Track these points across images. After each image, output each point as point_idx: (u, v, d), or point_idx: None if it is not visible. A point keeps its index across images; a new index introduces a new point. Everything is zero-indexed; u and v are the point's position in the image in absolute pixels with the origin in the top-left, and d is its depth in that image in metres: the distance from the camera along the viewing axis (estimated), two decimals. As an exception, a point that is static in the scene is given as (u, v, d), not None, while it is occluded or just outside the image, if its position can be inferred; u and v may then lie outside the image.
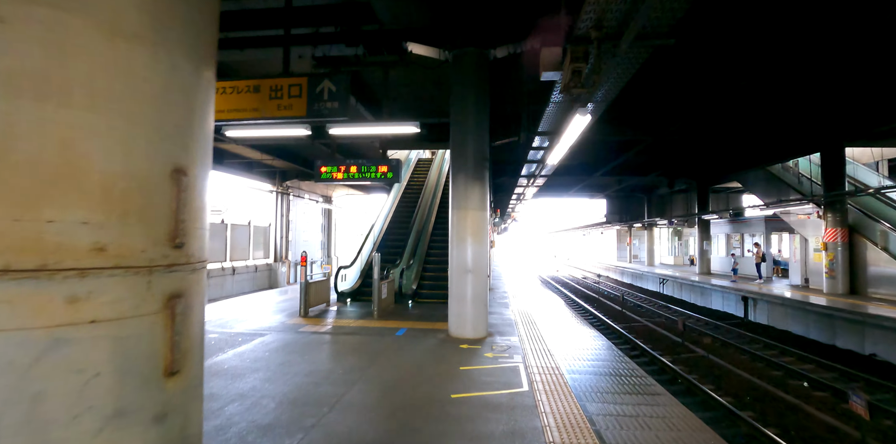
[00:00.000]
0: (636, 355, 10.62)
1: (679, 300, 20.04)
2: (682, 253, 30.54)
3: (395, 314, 8.87)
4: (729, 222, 21.75)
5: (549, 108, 7.32)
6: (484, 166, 6.97)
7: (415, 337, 6.86)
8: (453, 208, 6.88)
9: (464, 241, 6.77)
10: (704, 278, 19.44)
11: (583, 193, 31.06)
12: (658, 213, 28.08)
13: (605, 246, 39.82)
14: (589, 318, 15.37)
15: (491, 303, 10.69)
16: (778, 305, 13.75)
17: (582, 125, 5.50)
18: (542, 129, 7.33)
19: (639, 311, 17.25)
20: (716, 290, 17.30)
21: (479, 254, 6.81)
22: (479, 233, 6.82)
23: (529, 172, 13.34)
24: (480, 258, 6.82)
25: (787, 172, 16.56)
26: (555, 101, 7.13)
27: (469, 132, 6.85)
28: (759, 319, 14.69)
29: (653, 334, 12.88)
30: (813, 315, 12.32)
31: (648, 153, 18.28)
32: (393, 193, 15.39)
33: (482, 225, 6.86)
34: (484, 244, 6.86)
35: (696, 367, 9.66)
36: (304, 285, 8.68)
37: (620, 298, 17.24)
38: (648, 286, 24.61)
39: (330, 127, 5.93)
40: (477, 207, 6.82)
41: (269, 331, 7.35)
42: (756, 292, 14.72)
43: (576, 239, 52.31)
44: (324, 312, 9.22)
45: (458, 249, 6.82)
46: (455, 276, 6.84)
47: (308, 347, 6.24)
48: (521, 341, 6.72)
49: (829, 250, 13.42)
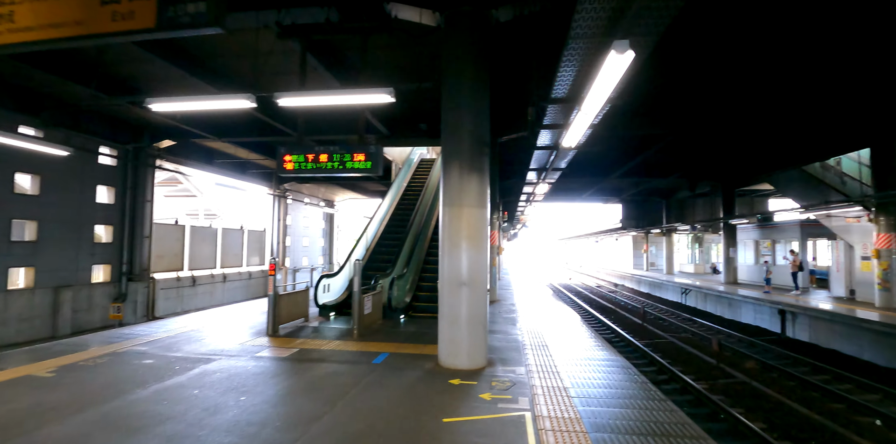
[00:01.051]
0: (664, 381, 9.11)
1: (703, 312, 18.39)
2: (704, 261, 28.78)
3: (380, 333, 7.49)
4: (757, 228, 20.07)
5: (569, 55, 5.56)
6: (483, 154, 5.60)
7: (395, 367, 5.47)
8: (444, 205, 5.51)
9: (457, 246, 5.39)
10: (731, 289, 17.79)
11: (596, 198, 29.51)
12: (677, 218, 26.41)
13: (620, 253, 38.10)
14: (606, 333, 13.84)
15: (495, 319, 9.27)
16: (823, 320, 12.12)
17: (619, 70, 3.94)
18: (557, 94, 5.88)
19: (661, 325, 15.67)
20: (747, 302, 15.67)
21: (477, 262, 5.42)
22: (477, 236, 5.44)
23: (540, 165, 11.81)
24: (478, 268, 5.43)
25: (827, 172, 14.93)
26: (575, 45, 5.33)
27: (465, 110, 5.49)
28: (800, 335, 13.05)
29: (681, 354, 11.32)
30: (868, 334, 10.69)
31: (669, 152, 16.81)
32: (391, 194, 14.07)
33: (480, 226, 5.48)
34: (482, 250, 5.47)
35: (738, 397, 8.12)
36: (273, 298, 7.34)
37: (641, 310, 15.69)
38: (668, 296, 22.94)
39: (278, 97, 4.62)
40: (474, 203, 5.44)
41: (220, 355, 6.01)
42: (795, 305, 13.09)
43: (588, 246, 50.57)
44: (298, 329, 7.87)
45: (450, 256, 5.44)
46: (446, 290, 5.46)
47: (256, 381, 4.89)
48: (530, 373, 5.30)
49: (883, 259, 11.79)
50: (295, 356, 6.00)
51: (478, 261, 5.43)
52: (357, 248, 11.11)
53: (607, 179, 20.35)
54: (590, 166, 19.45)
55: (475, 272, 5.40)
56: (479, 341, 5.45)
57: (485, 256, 5.51)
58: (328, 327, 8.11)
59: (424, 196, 14.33)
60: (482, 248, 5.47)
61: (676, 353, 11.43)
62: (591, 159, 18.67)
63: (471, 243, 5.38)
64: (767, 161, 16.27)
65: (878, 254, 11.93)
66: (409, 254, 10.51)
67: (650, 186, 24.48)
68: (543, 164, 11.33)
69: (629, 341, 12.41)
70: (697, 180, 21.45)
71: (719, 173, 19.50)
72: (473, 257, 5.39)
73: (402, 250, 10.53)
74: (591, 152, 17.63)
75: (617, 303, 21.26)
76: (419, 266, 11.03)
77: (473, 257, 5.39)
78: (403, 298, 9.48)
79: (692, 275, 26.29)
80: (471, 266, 5.37)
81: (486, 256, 5.54)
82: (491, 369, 5.41)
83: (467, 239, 5.38)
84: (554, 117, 7.35)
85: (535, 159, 11.35)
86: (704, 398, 7.78)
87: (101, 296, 13.50)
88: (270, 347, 6.54)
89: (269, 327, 7.36)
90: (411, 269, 10.26)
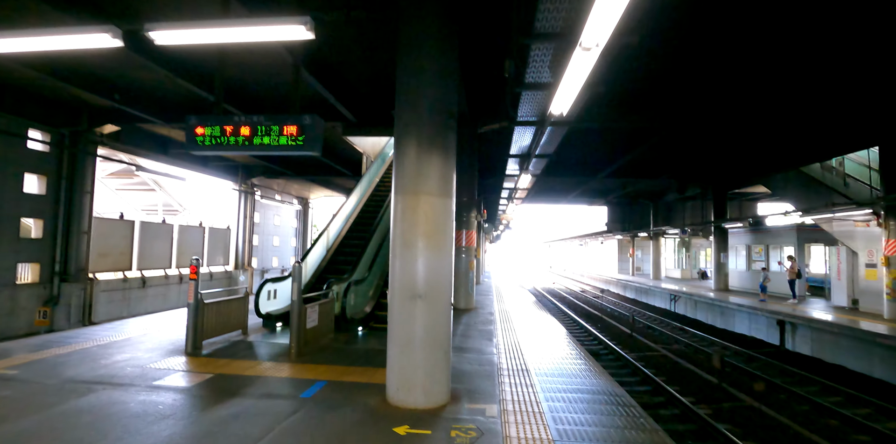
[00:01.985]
0: (662, 404, 7.94)
1: (694, 321, 17.40)
2: (691, 266, 27.97)
3: (326, 352, 6.16)
4: (749, 232, 19.19)
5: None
6: (449, 128, 4.34)
7: (329, 404, 4.16)
8: (396, 193, 4.23)
9: (411, 246, 4.11)
10: (723, 296, 16.83)
11: (581, 200, 28.53)
12: (665, 222, 25.53)
13: (605, 257, 37.22)
14: (593, 345, 12.69)
15: (469, 331, 8.00)
16: (827, 333, 11.12)
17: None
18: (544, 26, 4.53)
19: (651, 335, 14.59)
20: (741, 310, 14.67)
21: (438, 268, 4.15)
22: (438, 234, 4.16)
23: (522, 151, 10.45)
24: (439, 276, 4.16)
25: (828, 174, 14.04)
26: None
27: (427, 65, 4.22)
28: (801, 348, 12.05)
29: (676, 370, 10.20)
30: (880, 349, 9.69)
31: (658, 151, 15.78)
32: (359, 189, 12.73)
33: (443, 221, 4.21)
34: (445, 252, 4.20)
35: (748, 426, 6.98)
36: (194, 309, 5.96)
37: (630, 319, 14.59)
38: (656, 303, 21.96)
39: (150, 29, 3.32)
40: (435, 190, 4.18)
41: (104, 384, 4.63)
42: (796, 316, 12.10)
43: (572, 249, 49.71)
44: (229, 346, 6.50)
45: (401, 259, 4.15)
46: (396, 305, 4.17)
47: (124, 430, 3.54)
48: (505, 413, 4.05)
49: (893, 266, 10.85)
50: (204, 386, 4.65)
51: (438, 266, 4.15)
52: (315, 248, 9.76)
53: (594, 179, 19.31)
54: (576, 165, 18.38)
55: (435, 281, 4.12)
56: (438, 370, 4.17)
57: (448, 259, 4.23)
58: (267, 342, 6.75)
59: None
60: (444, 249, 4.19)
61: (671, 369, 10.31)
62: (578, 158, 17.59)
63: (430, 242, 4.10)
64: (763, 162, 15.34)
65: (887, 261, 10.99)
66: (373, 256, 9.19)
67: (637, 188, 23.53)
68: (526, 149, 10.02)
69: (618, 354, 11.26)
70: (687, 182, 20.53)
71: (711, 175, 18.57)
72: (433, 260, 4.11)
73: (366, 252, 9.21)
74: (578, 150, 16.57)
75: (603, 310, 20.20)
76: (384, 271, 9.70)
77: (433, 260, 4.11)
78: (363, 307, 8.16)
79: (679, 281, 25.41)
80: (429, 273, 4.10)
81: (450, 259, 4.27)
82: (454, 406, 4.14)
83: (425, 237, 4.10)
84: (538, 73, 5.77)
85: (517, 142, 10.04)
86: (711, 429, 6.62)
87: (29, 299, 11.86)
88: (180, 371, 5.17)
89: (188, 343, 5.97)
90: (375, 273, 8.94)
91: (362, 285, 8.20)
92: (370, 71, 8.58)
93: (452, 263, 4.32)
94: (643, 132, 13.42)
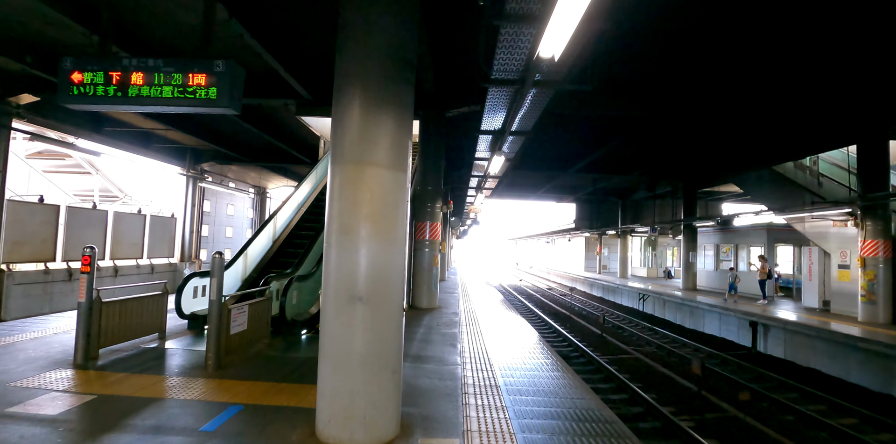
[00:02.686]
0: (641, 415, 7.22)
1: (662, 320, 17.02)
2: (657, 265, 27.91)
3: (253, 363, 5.08)
4: (718, 232, 18.99)
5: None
6: (405, 80, 3.34)
7: (237, 443, 3.13)
8: (334, 162, 3.20)
9: (351, 232, 3.10)
10: (692, 295, 16.51)
11: (550, 196, 28.03)
12: (633, 220, 25.27)
13: (572, 255, 37.02)
14: (564, 347, 11.98)
15: (430, 335, 7.05)
16: (802, 335, 10.75)
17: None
18: None
19: (621, 336, 14.03)
20: (712, 311, 14.30)
21: (386, 263, 3.16)
22: (388, 217, 3.17)
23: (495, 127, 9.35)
24: (387, 272, 3.17)
25: (801, 173, 13.76)
26: None
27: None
28: (774, 351, 11.68)
29: (651, 375, 9.56)
30: (857, 353, 9.32)
31: (631, 147, 15.28)
32: (313, 176, 11.56)
33: (394, 201, 3.21)
34: (396, 242, 3.21)
35: (736, 441, 6.33)
36: (86, 308, 4.77)
37: (600, 319, 13.99)
38: (624, 302, 21.61)
39: None
40: (385, 161, 3.18)
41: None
42: (769, 317, 11.72)
43: (539, 247, 49.53)
44: (135, 354, 5.32)
45: (338, 249, 3.14)
46: (330, 309, 3.16)
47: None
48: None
49: (869, 268, 10.54)
50: (76, 414, 3.52)
51: (387, 260, 3.16)
52: (259, 238, 8.59)
53: (566, 173, 18.71)
54: (548, 159, 17.71)
55: (382, 280, 3.13)
56: (384, 396, 3.18)
57: (400, 251, 3.24)
58: (185, 350, 5.60)
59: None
60: (396, 238, 3.20)
61: (646, 374, 9.66)
62: (551, 152, 16.91)
63: (376, 227, 3.11)
64: (736, 159, 15.01)
65: (863, 263, 10.68)
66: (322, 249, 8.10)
67: (607, 185, 23.14)
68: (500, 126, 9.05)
69: (590, 357, 10.57)
70: (658, 179, 20.21)
71: (682, 172, 18.22)
72: (380, 252, 3.11)
73: (316, 243, 8.10)
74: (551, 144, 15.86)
75: (571, 308, 19.66)
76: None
77: (380, 252, 3.11)
78: (308, 307, 7.07)
79: (645, 279, 25.24)
80: (374, 269, 3.10)
81: (403, 251, 3.28)
82: (404, 443, 3.18)
83: (370, 221, 3.10)
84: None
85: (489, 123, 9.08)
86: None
87: (-79, 293, 10.22)
88: (53, 391, 4.00)
89: (78, 353, 4.78)
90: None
91: (308, 282, 7.11)
92: (327, 38, 7.45)
93: (406, 256, 3.35)
94: (617, 125, 12.82)
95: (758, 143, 13.29)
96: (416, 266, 9.91)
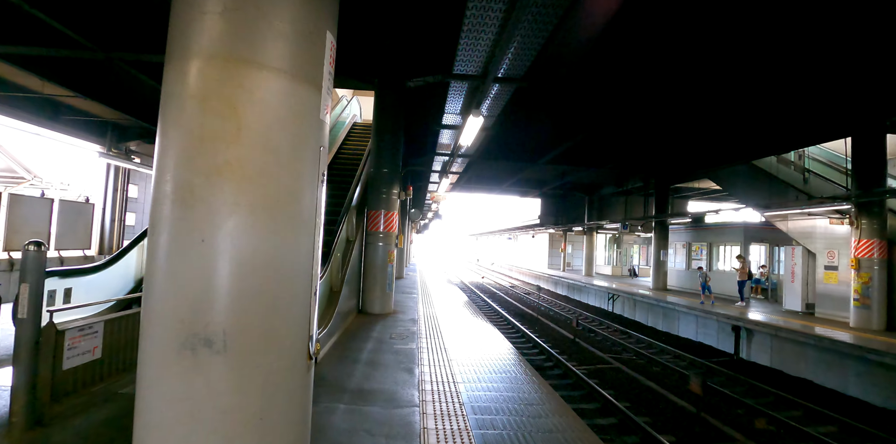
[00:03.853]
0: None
1: (633, 322, 16.09)
2: (622, 263, 27.30)
3: (100, 415, 3.37)
4: (690, 230, 18.27)
5: None
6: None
7: None
8: (172, 60, 1.59)
9: (194, 201, 1.50)
10: (663, 296, 15.65)
11: (515, 190, 26.87)
12: (599, 216, 24.44)
13: (536, 252, 36.18)
14: (535, 354, 10.66)
15: (379, 356, 5.45)
16: (790, 342, 9.87)
17: None
18: None
19: (595, 340, 12.88)
20: (689, 313, 13.39)
21: (275, 264, 1.57)
22: (277, 172, 1.57)
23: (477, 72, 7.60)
24: (279, 284, 1.58)
25: (784, 168, 12.99)
26: None
27: None
28: (758, 358, 10.80)
29: (637, 389, 8.34)
30: (858, 364, 8.43)
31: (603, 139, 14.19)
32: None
33: (295, 139, 1.62)
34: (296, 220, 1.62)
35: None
36: None
37: (573, 322, 12.79)
38: (591, 302, 20.69)
39: None
40: (280, 63, 1.58)
41: None
42: (755, 322, 10.82)
43: (501, 243, 48.62)
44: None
45: (169, 237, 1.52)
46: (150, 367, 1.53)
47: None
48: None
49: (864, 270, 9.73)
50: None
51: (278, 259, 1.57)
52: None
53: (534, 165, 17.48)
54: (516, 149, 16.36)
55: (264, 301, 1.54)
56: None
57: (305, 240, 1.66)
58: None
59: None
60: (295, 213, 1.62)
61: (630, 387, 8.45)
62: (518, 141, 15.55)
63: (254, 189, 1.51)
64: (713, 153, 14.13)
65: (857, 264, 9.87)
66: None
67: (574, 180, 22.14)
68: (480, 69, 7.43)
69: (566, 367, 9.29)
70: (630, 174, 19.31)
71: (655, 167, 17.31)
72: (259, 241, 1.53)
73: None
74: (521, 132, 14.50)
75: (537, 309, 18.50)
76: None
77: (259, 241, 1.53)
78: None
79: (611, 278, 24.49)
80: (246, 277, 1.51)
81: (310, 241, 1.69)
82: None
83: (239, 176, 1.50)
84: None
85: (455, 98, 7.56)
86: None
87: None
88: None
89: None
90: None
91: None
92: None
93: (317, 249, 1.74)
94: (589, 115, 11.65)
95: (738, 136, 12.38)
96: (368, 264, 8.29)
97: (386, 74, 8.78)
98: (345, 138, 13.22)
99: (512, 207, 37.23)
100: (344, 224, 7.18)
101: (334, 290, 6.21)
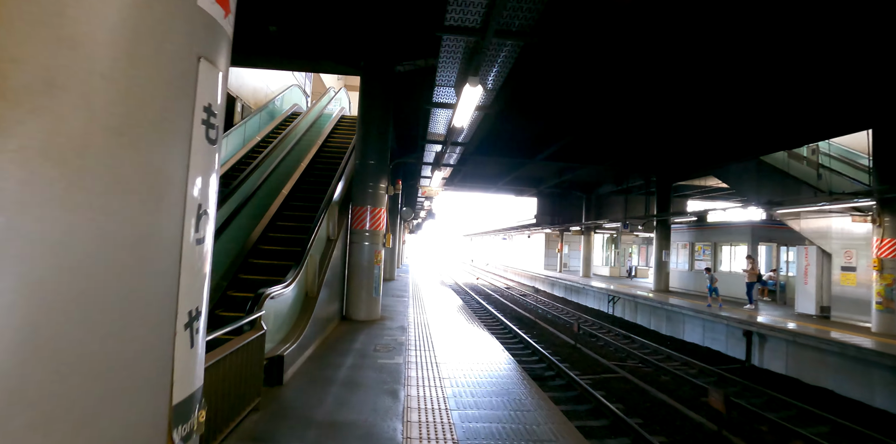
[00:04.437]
0: (655, 476, 5.19)
1: (634, 325, 15.41)
2: (620, 263, 26.67)
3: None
4: (693, 229, 17.61)
5: None
6: None
7: None
8: None
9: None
10: (665, 298, 14.98)
11: (510, 188, 26.18)
12: (597, 216, 23.81)
13: (531, 252, 35.49)
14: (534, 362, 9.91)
15: (359, 373, 4.66)
16: (808, 348, 9.19)
17: None
18: None
19: (597, 346, 12.16)
20: (695, 316, 12.70)
21: (112, 287, 0.81)
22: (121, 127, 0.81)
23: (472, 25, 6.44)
24: (112, 320, 0.81)
25: (796, 164, 12.35)
26: None
27: None
28: (772, 365, 10.13)
29: (648, 402, 7.60)
30: (886, 373, 7.76)
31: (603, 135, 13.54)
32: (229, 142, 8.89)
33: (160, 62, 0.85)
34: (159, 203, 0.86)
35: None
36: None
37: (574, 327, 12.06)
38: (589, 304, 19.99)
39: None
40: None
41: None
42: (769, 327, 10.14)
43: (496, 243, 47.91)
44: None
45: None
46: None
47: None
48: None
49: (887, 271, 9.08)
50: None
51: (115, 277, 0.79)
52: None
53: (532, 161, 16.79)
54: (512, 145, 15.65)
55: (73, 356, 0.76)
56: None
57: (166, 219, 0.89)
58: None
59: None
60: (151, 187, 0.84)
61: (640, 400, 7.71)
62: (516, 136, 14.83)
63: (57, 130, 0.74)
64: (719, 149, 13.50)
65: (879, 265, 9.21)
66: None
67: (572, 178, 21.48)
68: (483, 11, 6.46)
69: (569, 377, 8.55)
70: (630, 171, 18.66)
71: (657, 163, 16.67)
72: (71, 242, 0.75)
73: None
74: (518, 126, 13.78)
75: (535, 312, 17.78)
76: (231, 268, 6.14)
77: (71, 242, 0.75)
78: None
79: (609, 279, 23.84)
80: (46, 311, 0.74)
81: (181, 225, 0.92)
82: None
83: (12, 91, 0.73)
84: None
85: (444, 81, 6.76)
86: None
87: None
88: None
89: None
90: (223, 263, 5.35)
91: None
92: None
93: (208, 250, 0.96)
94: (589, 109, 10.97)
95: (746, 130, 11.73)
96: (352, 265, 7.50)
97: (373, 58, 8.00)
98: (331, 131, 12.44)
99: (507, 206, 36.51)
100: (323, 221, 6.40)
101: (310, 295, 5.43)
